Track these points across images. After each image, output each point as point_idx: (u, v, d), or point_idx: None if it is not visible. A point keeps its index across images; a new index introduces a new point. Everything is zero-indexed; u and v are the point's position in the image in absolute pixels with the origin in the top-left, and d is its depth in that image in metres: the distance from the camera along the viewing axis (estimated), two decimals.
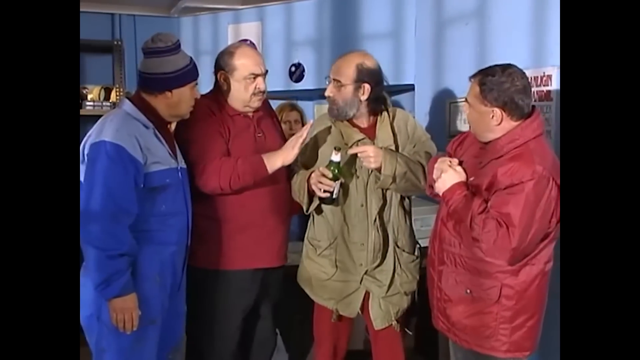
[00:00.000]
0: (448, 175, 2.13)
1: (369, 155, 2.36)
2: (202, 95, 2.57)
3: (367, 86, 2.42)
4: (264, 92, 2.54)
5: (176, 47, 2.25)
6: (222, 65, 2.54)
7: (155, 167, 2.17)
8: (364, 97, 2.44)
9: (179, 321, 2.41)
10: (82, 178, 2.10)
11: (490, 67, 2.11)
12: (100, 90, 4.34)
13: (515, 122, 2.06)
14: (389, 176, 2.36)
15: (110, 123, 2.14)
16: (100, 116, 2.24)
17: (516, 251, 1.99)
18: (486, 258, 2.06)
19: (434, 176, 2.18)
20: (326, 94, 2.47)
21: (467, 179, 2.14)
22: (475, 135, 2.20)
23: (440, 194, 2.16)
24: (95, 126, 2.17)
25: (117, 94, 4.38)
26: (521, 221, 1.95)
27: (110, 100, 4.34)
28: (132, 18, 4.60)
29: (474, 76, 2.12)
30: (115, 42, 4.48)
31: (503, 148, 2.05)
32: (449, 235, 2.18)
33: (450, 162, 2.17)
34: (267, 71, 2.57)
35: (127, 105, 2.24)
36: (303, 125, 3.81)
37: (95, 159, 2.06)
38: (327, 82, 2.49)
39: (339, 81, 2.43)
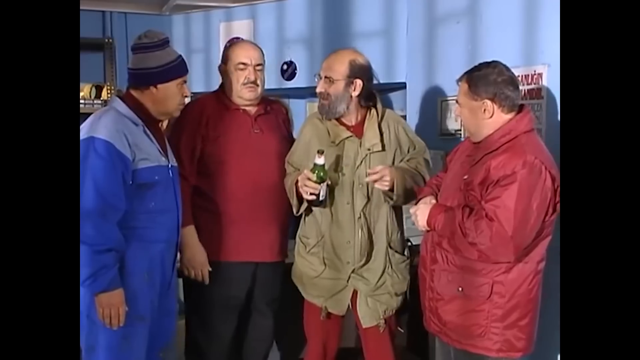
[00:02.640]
0: (420, 211, 2.20)
1: (385, 178, 2.34)
2: (209, 93, 2.63)
3: (358, 82, 2.43)
4: (254, 82, 2.57)
5: (162, 44, 2.26)
6: (222, 58, 2.63)
7: (143, 163, 2.17)
8: (355, 93, 2.44)
9: (169, 319, 2.40)
10: None
11: (475, 66, 2.15)
12: (91, 88, 4.32)
13: (507, 116, 2.09)
14: (401, 195, 2.39)
15: (100, 120, 2.14)
16: (91, 114, 2.24)
17: (515, 240, 1.97)
18: (490, 260, 2.04)
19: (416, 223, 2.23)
20: (318, 90, 2.47)
21: (448, 193, 2.18)
22: (470, 135, 2.22)
23: (425, 228, 2.20)
24: (84, 123, 2.17)
25: (108, 91, 4.37)
26: (517, 210, 1.95)
27: (102, 98, 4.33)
28: (123, 16, 4.59)
29: (461, 78, 2.16)
30: (107, 40, 4.46)
31: (496, 142, 2.07)
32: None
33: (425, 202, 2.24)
34: (260, 64, 2.61)
35: (117, 103, 2.25)
36: (289, 121, 3.83)
37: (84, 156, 2.06)
38: (317, 79, 2.49)
39: (330, 77, 2.43)
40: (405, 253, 2.59)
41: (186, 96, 2.34)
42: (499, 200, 1.97)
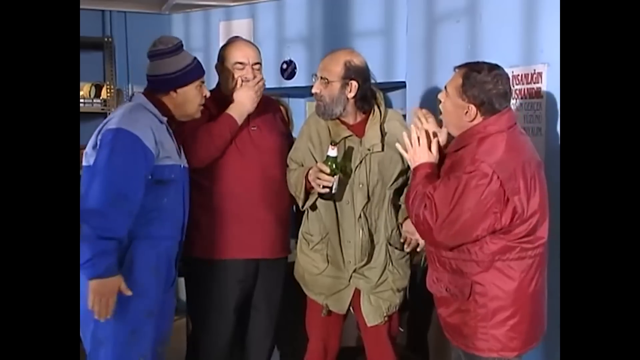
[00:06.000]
0: (421, 150, 2.18)
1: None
2: None
3: (354, 83, 2.43)
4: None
5: (177, 48, 2.33)
6: (218, 57, 2.63)
7: (165, 161, 2.24)
8: (350, 95, 2.44)
9: (169, 315, 2.44)
10: (90, 162, 2.14)
11: (478, 62, 2.11)
12: (90, 87, 4.31)
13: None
14: None
15: (130, 114, 2.21)
16: (91, 113, 2.27)
17: (439, 233, 2.00)
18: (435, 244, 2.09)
19: (412, 142, 2.19)
20: (313, 90, 2.48)
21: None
22: (445, 125, 2.21)
23: (412, 165, 2.20)
24: (113, 114, 2.26)
25: (108, 90, 4.36)
26: (444, 203, 1.98)
27: (101, 97, 4.32)
28: (122, 15, 4.58)
29: (460, 67, 2.12)
30: (106, 39, 4.46)
31: (464, 140, 2.08)
32: None
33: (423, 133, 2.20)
34: (258, 63, 2.61)
35: (143, 100, 2.31)
36: (288, 120, 3.84)
37: (107, 144, 2.11)
38: (313, 80, 2.50)
39: (325, 78, 2.44)
40: (405, 248, 2.59)
41: (205, 96, 2.39)
42: (436, 189, 2.02)
